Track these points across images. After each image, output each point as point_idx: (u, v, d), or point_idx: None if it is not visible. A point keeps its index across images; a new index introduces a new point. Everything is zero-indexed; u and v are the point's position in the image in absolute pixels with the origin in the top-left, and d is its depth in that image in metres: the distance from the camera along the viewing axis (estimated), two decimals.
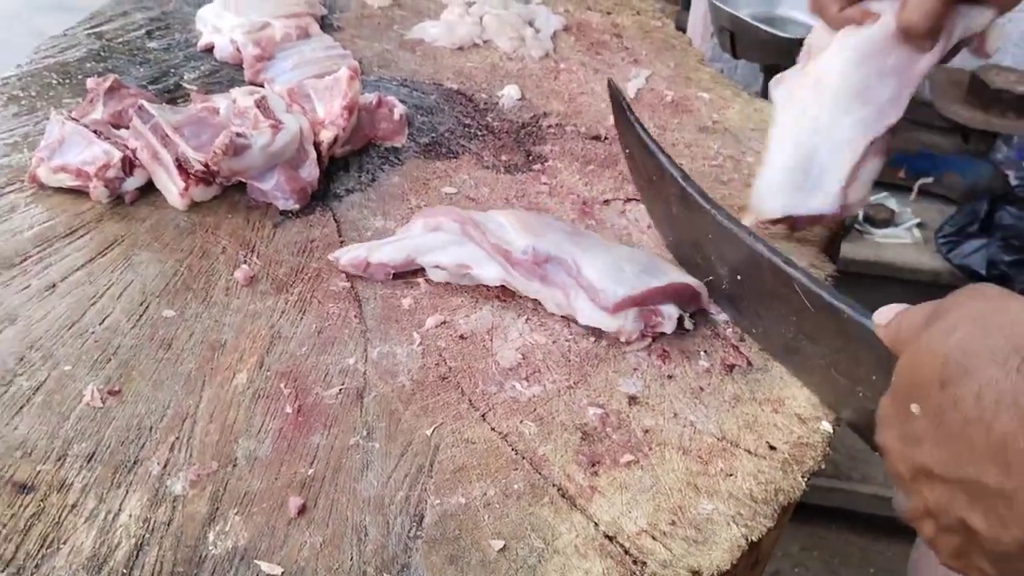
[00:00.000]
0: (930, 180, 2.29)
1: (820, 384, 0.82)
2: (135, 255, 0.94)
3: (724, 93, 1.31)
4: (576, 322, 0.87)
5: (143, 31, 1.32)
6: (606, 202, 1.07)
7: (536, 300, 0.90)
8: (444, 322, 0.89)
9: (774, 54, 2.37)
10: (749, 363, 0.86)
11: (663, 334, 0.85)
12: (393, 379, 0.83)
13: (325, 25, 1.36)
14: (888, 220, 2.21)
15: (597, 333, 0.87)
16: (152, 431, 0.77)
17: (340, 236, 0.99)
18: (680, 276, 0.86)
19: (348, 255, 0.92)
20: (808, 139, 0.93)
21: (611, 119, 1.19)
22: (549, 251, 0.86)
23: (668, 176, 0.92)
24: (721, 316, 0.91)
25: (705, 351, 0.88)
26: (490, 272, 0.89)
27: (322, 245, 0.98)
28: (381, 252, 0.91)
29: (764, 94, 1.32)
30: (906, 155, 2.29)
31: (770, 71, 2.35)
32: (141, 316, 0.87)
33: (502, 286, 0.90)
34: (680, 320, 0.85)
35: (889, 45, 0.89)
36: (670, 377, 0.85)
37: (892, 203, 2.26)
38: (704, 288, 0.86)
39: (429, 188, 1.07)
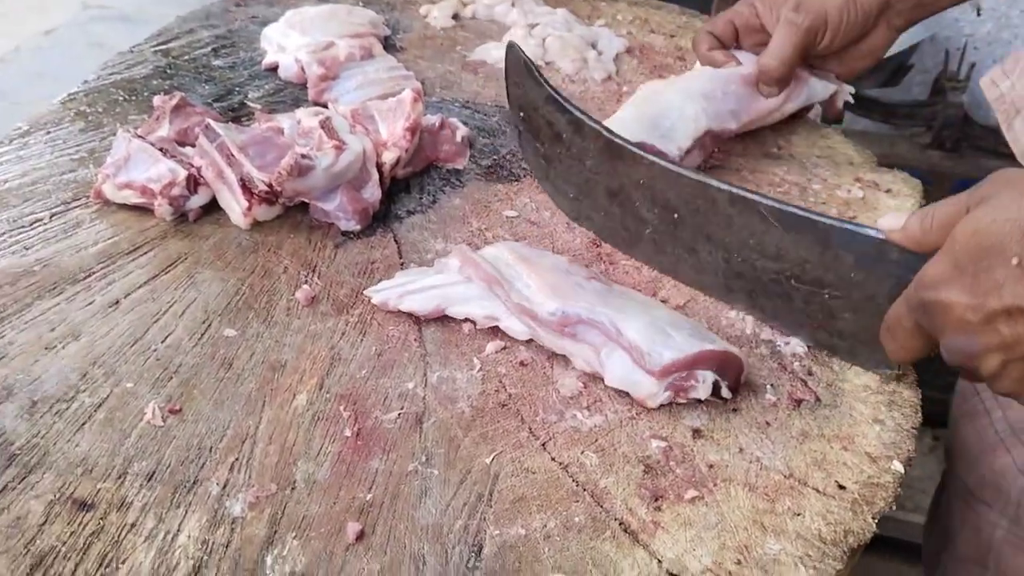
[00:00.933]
0: None
1: (766, 297, 0.90)
2: (198, 273, 0.94)
3: (789, 120, 1.29)
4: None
5: (209, 48, 1.33)
6: None
7: None
8: (504, 347, 0.88)
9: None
10: (817, 398, 0.84)
11: (697, 400, 0.83)
12: (453, 405, 0.82)
13: (388, 45, 1.37)
14: None
15: None
16: (212, 451, 0.76)
17: (401, 258, 0.99)
18: (725, 344, 0.84)
19: (380, 295, 0.92)
20: (661, 105, 1.08)
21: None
22: (579, 314, 0.84)
23: (588, 129, 0.98)
24: (788, 348, 0.89)
25: (772, 384, 0.85)
26: (518, 327, 0.87)
27: (383, 267, 0.97)
28: (411, 300, 0.90)
29: (825, 118, 1.29)
30: (968, 180, 2.24)
31: None
32: (203, 335, 0.88)
33: None
34: (716, 387, 0.82)
35: (737, 78, 1.12)
36: (735, 411, 0.83)
37: None
38: (746, 361, 0.84)
39: (490, 211, 1.06)
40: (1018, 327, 0.67)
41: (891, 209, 1.10)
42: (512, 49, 1.07)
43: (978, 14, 2.38)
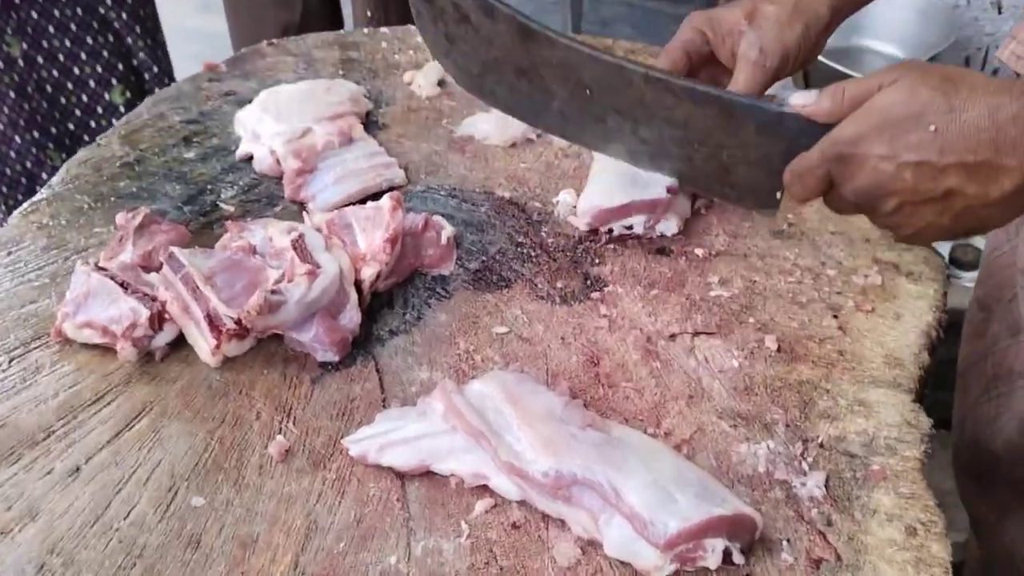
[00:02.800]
0: None
1: (667, 159, 1.03)
2: (164, 427, 0.88)
3: None
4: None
5: (180, 138, 1.26)
6: (672, 336, 0.97)
7: None
8: (495, 506, 0.81)
9: None
10: (839, 557, 0.76)
11: (707, 569, 0.75)
12: None
13: (370, 122, 1.29)
14: (976, 262, 2.07)
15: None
16: None
17: (383, 392, 0.92)
18: (738, 503, 0.76)
19: (359, 446, 0.84)
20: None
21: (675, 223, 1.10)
22: (576, 473, 0.77)
23: (500, 14, 1.00)
24: (804, 490, 0.82)
25: (788, 540, 0.78)
26: (508, 487, 0.80)
27: (363, 405, 0.91)
28: (393, 453, 0.83)
29: None
30: None
31: None
32: (169, 506, 0.81)
33: None
34: (727, 554, 0.75)
35: None
36: None
37: (980, 243, 2.12)
38: (760, 520, 0.76)
39: (479, 327, 0.99)
40: (922, 176, 0.83)
41: (912, 296, 1.02)
42: None
43: (999, 12, 2.26)
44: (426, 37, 1.12)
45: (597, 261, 1.07)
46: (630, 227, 1.09)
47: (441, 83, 1.37)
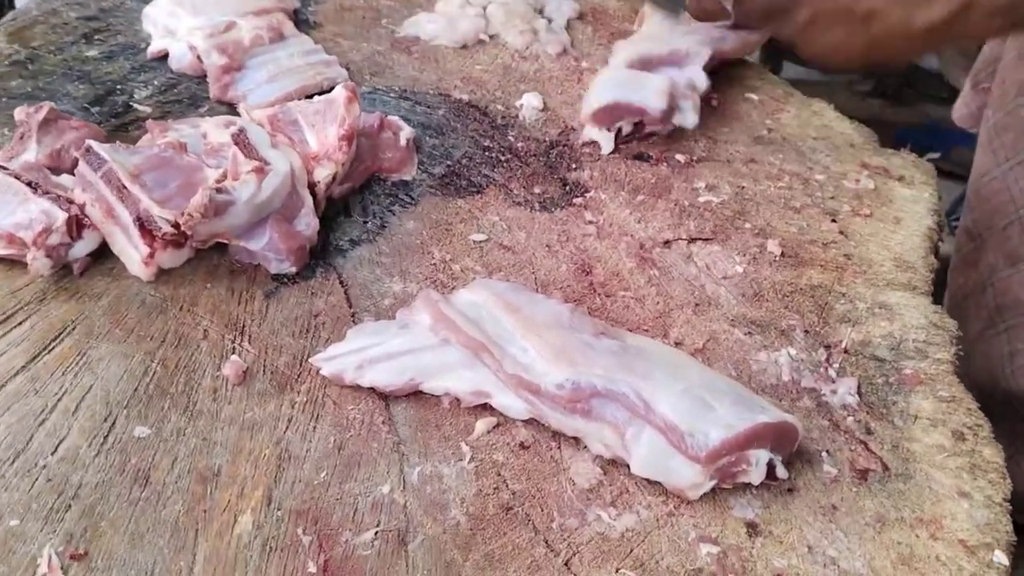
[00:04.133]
0: (937, 156, 2.13)
1: None
2: (91, 348, 0.73)
3: (774, 92, 1.13)
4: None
5: (79, 34, 1.09)
6: (666, 243, 0.88)
7: None
8: (497, 425, 0.70)
9: None
10: (885, 467, 0.69)
11: (747, 485, 0.67)
12: (443, 513, 0.64)
13: (299, 21, 1.14)
14: None
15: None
16: None
17: (351, 306, 0.79)
18: (778, 411, 0.67)
19: (332, 364, 0.72)
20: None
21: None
22: (595, 384, 0.67)
23: None
24: (836, 398, 0.74)
25: (827, 451, 0.70)
26: (516, 404, 0.70)
27: (330, 320, 0.78)
28: (375, 372, 0.71)
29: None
30: (911, 129, 2.13)
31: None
32: (106, 438, 0.67)
33: None
34: (770, 467, 0.66)
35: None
36: (791, 491, 0.67)
37: None
38: (800, 427, 0.68)
39: (453, 235, 0.87)
40: None
41: (907, 201, 0.96)
42: None
43: None
44: None
45: (574, 166, 0.97)
46: (640, 122, 1.00)
47: None
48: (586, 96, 1.02)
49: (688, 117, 1.01)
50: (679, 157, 0.99)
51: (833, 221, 0.92)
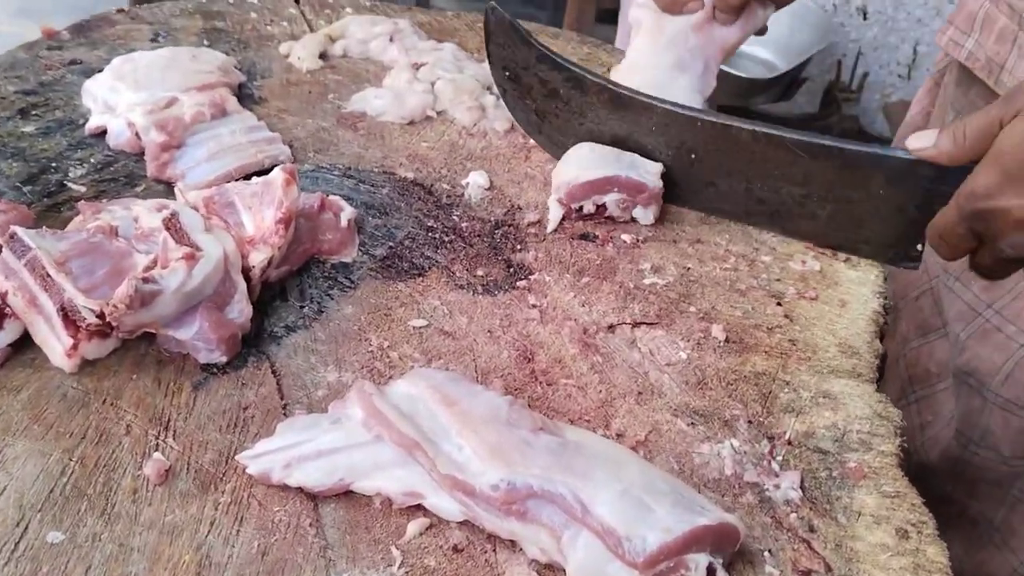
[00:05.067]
0: None
1: (789, 218, 0.96)
2: (7, 446, 0.70)
3: None
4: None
5: (15, 110, 1.06)
6: (610, 328, 0.87)
7: None
8: (430, 527, 0.68)
9: (731, 94, 2.21)
10: (828, 567, 0.67)
11: None
12: None
13: (244, 96, 1.13)
14: None
15: None
16: None
17: (282, 398, 0.77)
18: (719, 511, 0.65)
19: (259, 463, 0.69)
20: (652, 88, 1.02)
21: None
22: (532, 485, 0.64)
23: (591, 84, 0.99)
24: (779, 493, 0.72)
25: (769, 551, 0.68)
26: (449, 506, 0.67)
27: (259, 413, 0.75)
28: (303, 471, 0.68)
29: None
30: None
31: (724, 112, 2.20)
32: (17, 544, 0.64)
33: None
34: (710, 571, 0.64)
35: (687, 31, 1.08)
36: None
37: None
38: (743, 529, 0.66)
39: (392, 321, 0.85)
40: None
41: (853, 283, 0.95)
42: (494, 11, 1.04)
43: (864, 18, 2.29)
44: (515, 115, 1.10)
45: (519, 247, 0.95)
46: (602, 206, 0.99)
47: (323, 56, 1.22)
48: (563, 167, 1.01)
49: (648, 215, 1.01)
50: (625, 237, 0.98)
51: (779, 304, 0.91)
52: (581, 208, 0.98)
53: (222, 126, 1.03)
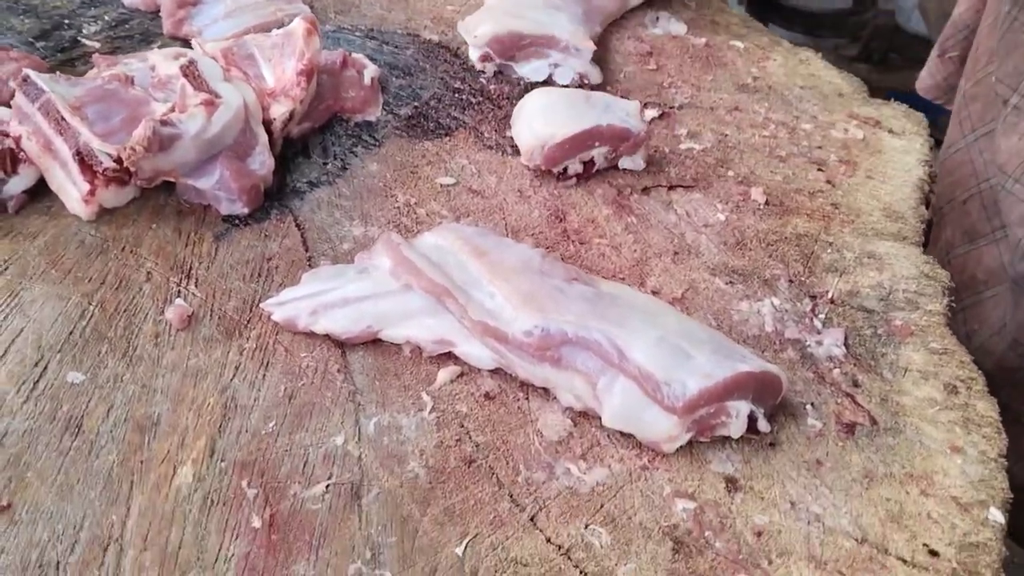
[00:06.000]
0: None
1: None
2: (24, 290, 0.68)
3: (760, 41, 1.08)
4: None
5: None
6: (645, 190, 0.83)
7: None
8: (461, 375, 0.66)
9: None
10: (873, 420, 0.64)
11: (726, 438, 0.62)
12: (401, 466, 0.59)
13: None
14: None
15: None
16: (59, 568, 0.52)
17: (307, 250, 0.74)
18: (761, 360, 0.63)
19: (284, 310, 0.67)
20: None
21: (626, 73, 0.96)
22: (566, 331, 0.62)
23: None
24: (822, 349, 0.69)
25: (812, 404, 0.66)
26: (481, 353, 0.65)
27: (283, 264, 0.73)
28: (330, 318, 0.66)
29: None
30: (897, 94, 2.10)
31: (754, 6, 2.13)
32: (37, 383, 0.62)
33: None
34: (751, 419, 0.62)
35: None
36: (773, 445, 0.63)
37: None
38: (786, 380, 0.63)
39: (419, 177, 0.82)
40: None
41: (898, 151, 0.91)
42: None
43: None
44: None
45: None
46: (590, 162, 0.84)
47: None
48: (528, 124, 0.83)
49: (638, 161, 0.86)
50: (660, 104, 0.94)
51: (820, 170, 0.88)
52: (566, 170, 0.83)
53: None
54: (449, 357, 0.66)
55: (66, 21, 0.95)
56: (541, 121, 0.82)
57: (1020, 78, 0.97)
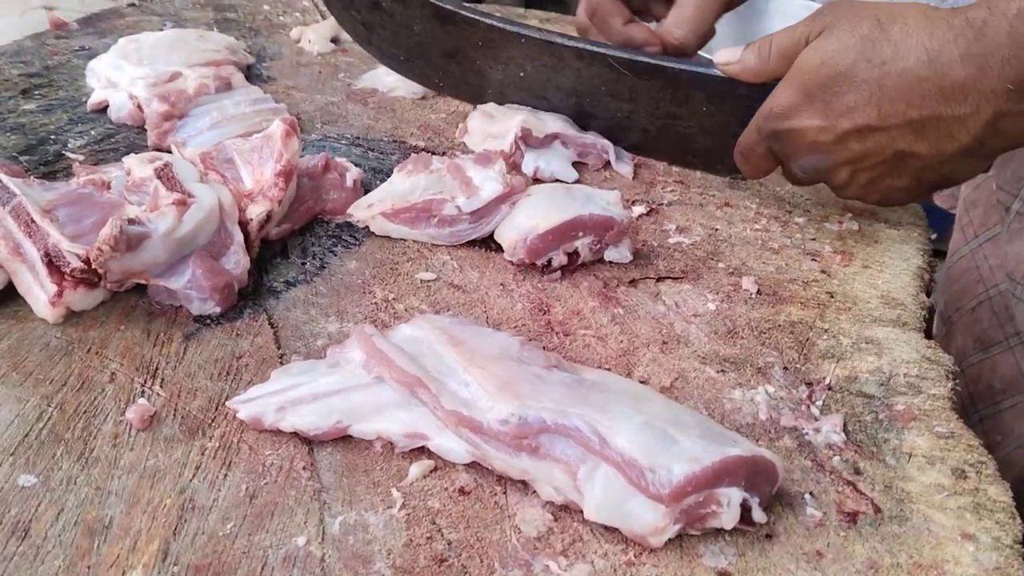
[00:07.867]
0: (934, 236, 2.06)
1: (620, 131, 0.97)
2: None
3: None
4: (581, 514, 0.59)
5: (18, 90, 1.04)
6: (632, 282, 0.81)
7: None
8: (435, 469, 0.62)
9: None
10: (877, 508, 0.60)
11: (718, 530, 0.58)
12: (366, 567, 0.55)
13: (252, 75, 1.10)
14: None
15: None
16: None
17: (279, 348, 0.72)
18: (753, 445, 0.59)
19: (250, 407, 0.64)
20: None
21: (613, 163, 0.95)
22: (545, 419, 0.58)
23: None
24: (820, 437, 0.65)
25: (811, 493, 0.61)
26: (455, 447, 0.61)
27: (254, 362, 0.70)
28: (298, 414, 0.63)
29: None
30: None
31: None
32: None
33: None
34: (745, 509, 0.57)
35: None
36: (770, 537, 0.58)
37: None
38: (782, 466, 0.59)
39: (398, 274, 0.80)
40: (867, 142, 0.75)
41: (895, 241, 0.89)
42: None
43: None
44: (343, 24, 1.05)
45: None
46: (574, 253, 0.81)
47: (335, 40, 1.19)
48: (510, 220, 0.82)
49: (625, 252, 0.83)
50: (647, 201, 0.93)
51: (814, 260, 0.85)
52: (550, 263, 0.80)
53: (227, 98, 0.99)
54: (422, 451, 0.62)
55: (52, 137, 0.95)
56: (523, 215, 0.80)
57: (1019, 184, 0.96)
